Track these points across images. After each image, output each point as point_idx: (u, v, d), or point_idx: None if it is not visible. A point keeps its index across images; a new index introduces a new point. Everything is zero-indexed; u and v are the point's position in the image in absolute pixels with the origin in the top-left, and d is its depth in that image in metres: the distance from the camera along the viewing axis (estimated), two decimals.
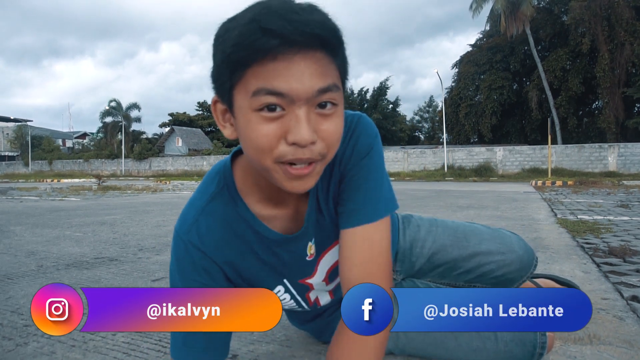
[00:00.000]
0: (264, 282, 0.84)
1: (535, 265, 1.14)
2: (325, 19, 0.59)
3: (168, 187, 13.38)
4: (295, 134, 0.59)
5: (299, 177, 0.63)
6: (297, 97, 0.58)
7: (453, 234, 1.13)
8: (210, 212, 0.78)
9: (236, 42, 0.58)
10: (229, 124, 0.67)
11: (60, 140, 51.55)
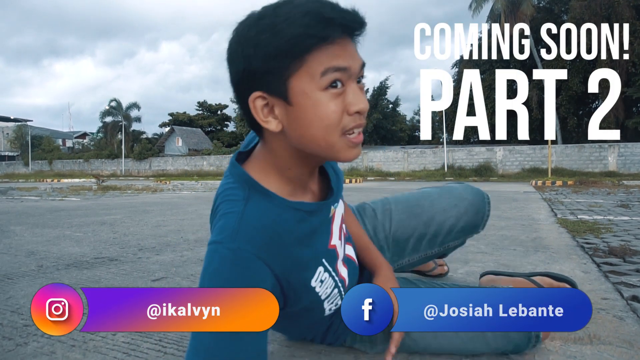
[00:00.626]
0: (307, 267, 0.83)
1: (488, 201, 1.23)
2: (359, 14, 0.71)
3: (168, 187, 13.38)
4: (358, 104, 0.70)
5: (357, 144, 0.73)
6: (354, 71, 0.70)
7: (406, 206, 1.21)
8: (251, 213, 0.76)
9: (300, 32, 0.65)
10: (271, 118, 0.72)
11: (60, 140, 51.55)
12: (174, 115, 47.34)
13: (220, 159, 31.37)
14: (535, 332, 1.00)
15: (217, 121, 48.21)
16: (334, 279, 0.89)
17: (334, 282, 0.90)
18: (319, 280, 0.85)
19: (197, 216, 4.58)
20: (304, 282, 0.82)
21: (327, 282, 0.87)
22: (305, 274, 0.83)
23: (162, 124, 49.39)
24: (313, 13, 0.65)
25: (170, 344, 1.16)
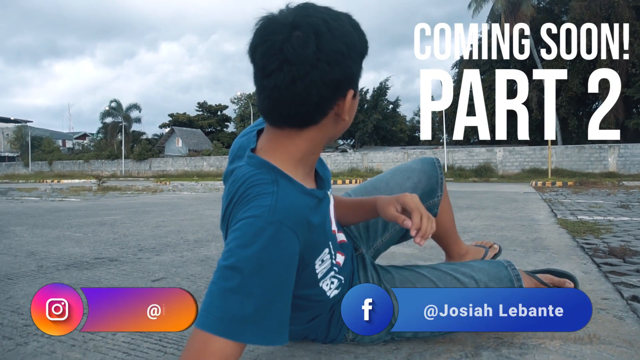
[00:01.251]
0: (318, 249, 0.89)
1: (438, 165, 1.33)
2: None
3: (168, 188, 13.38)
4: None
5: None
6: None
7: (364, 192, 1.30)
8: (285, 192, 0.80)
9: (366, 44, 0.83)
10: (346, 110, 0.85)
11: (60, 141, 51.57)
12: (174, 116, 47.35)
13: (220, 159, 31.37)
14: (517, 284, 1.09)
15: (217, 122, 48.23)
16: (331, 261, 0.95)
17: (330, 263, 0.95)
18: (320, 260, 0.91)
19: (197, 217, 4.58)
20: (312, 259, 0.88)
21: (326, 263, 0.93)
22: (314, 254, 0.88)
23: (162, 124, 49.44)
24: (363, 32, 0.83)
25: (170, 343, 1.16)
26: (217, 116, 48.32)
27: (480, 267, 1.11)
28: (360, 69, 0.83)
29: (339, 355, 1.07)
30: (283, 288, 0.74)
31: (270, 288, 0.72)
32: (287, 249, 0.75)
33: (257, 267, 0.71)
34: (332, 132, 0.87)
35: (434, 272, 1.11)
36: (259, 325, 0.70)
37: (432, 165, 1.32)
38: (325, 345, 1.13)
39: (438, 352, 1.07)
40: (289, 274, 0.76)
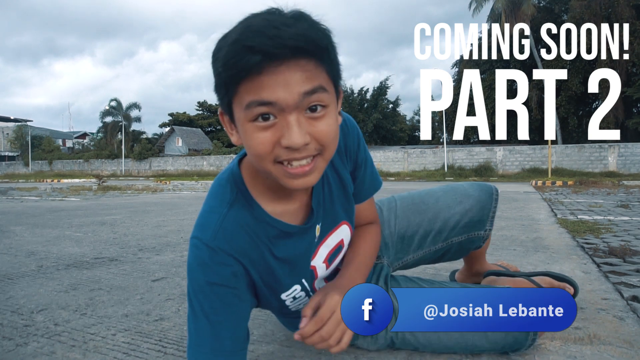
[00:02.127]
0: (283, 282, 0.88)
1: (496, 198, 1.22)
2: (306, 30, 0.63)
3: (168, 187, 13.38)
4: (288, 139, 0.65)
5: (300, 174, 0.69)
6: (286, 104, 0.64)
7: (411, 203, 1.22)
8: (233, 218, 0.80)
9: (224, 62, 0.63)
10: (235, 132, 0.72)
11: (60, 140, 51.57)
12: (174, 115, 47.34)
13: (220, 159, 31.36)
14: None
15: (217, 121, 48.17)
16: (307, 293, 0.94)
17: (306, 294, 0.94)
18: (291, 297, 0.91)
19: (197, 216, 4.57)
20: (276, 293, 0.88)
21: (300, 300, 0.94)
22: (279, 287, 0.88)
23: (162, 124, 49.42)
24: (238, 41, 0.62)
25: (170, 344, 1.16)
26: (217, 115, 48.26)
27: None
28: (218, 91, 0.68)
29: (339, 356, 1.07)
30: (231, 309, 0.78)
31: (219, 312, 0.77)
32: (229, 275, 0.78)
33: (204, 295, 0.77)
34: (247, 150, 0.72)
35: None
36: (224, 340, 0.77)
37: (490, 196, 1.21)
38: None
39: (438, 353, 1.07)
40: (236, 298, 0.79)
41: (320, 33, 0.65)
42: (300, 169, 0.68)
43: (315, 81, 0.65)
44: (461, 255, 1.33)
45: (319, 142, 0.68)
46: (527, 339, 1.01)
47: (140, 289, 1.72)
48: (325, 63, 0.66)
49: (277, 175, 0.70)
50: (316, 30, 0.64)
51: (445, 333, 1.02)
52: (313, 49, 0.64)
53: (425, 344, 1.05)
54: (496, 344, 1.02)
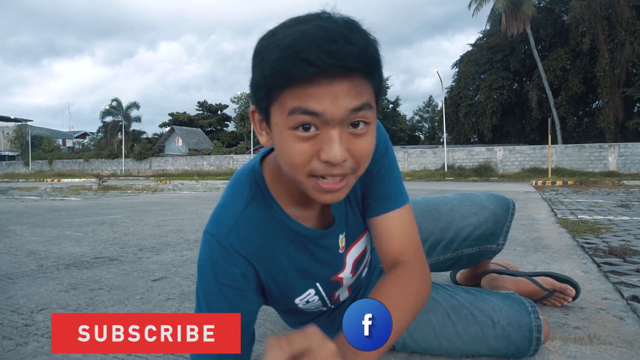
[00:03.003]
0: (296, 286, 0.86)
1: (512, 212, 1.18)
2: (362, 47, 0.60)
3: (168, 187, 13.38)
4: (328, 153, 0.62)
5: (328, 190, 0.67)
6: (331, 118, 0.61)
7: (424, 209, 1.19)
8: (248, 216, 0.78)
9: (274, 66, 0.60)
10: (265, 133, 0.70)
11: (60, 140, 51.58)
12: (174, 115, 47.35)
13: (220, 158, 31.36)
14: (536, 334, 1.00)
15: (217, 121, 48.23)
16: (323, 302, 0.92)
17: (323, 303, 0.92)
18: (304, 301, 0.89)
19: (197, 216, 4.58)
20: (287, 297, 0.86)
21: (313, 303, 0.91)
22: (291, 292, 0.86)
23: (162, 124, 49.48)
24: (292, 48, 0.59)
25: None
26: (217, 115, 48.30)
27: (501, 306, 1.01)
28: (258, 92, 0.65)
29: None
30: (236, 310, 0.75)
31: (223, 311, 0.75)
32: (238, 276, 0.76)
33: (212, 293, 0.76)
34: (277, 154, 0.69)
35: (450, 300, 1.02)
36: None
37: (506, 210, 1.19)
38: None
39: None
40: (243, 300, 0.77)
41: (373, 50, 0.63)
42: (333, 185, 0.66)
43: (363, 98, 0.63)
44: (469, 266, 1.31)
45: (355, 160, 0.66)
46: (530, 349, 1.00)
47: (140, 289, 1.73)
48: (373, 80, 0.65)
49: (308, 187, 0.68)
50: (370, 46, 0.62)
51: (446, 340, 1.01)
52: (366, 68, 0.62)
53: (426, 348, 1.04)
54: (497, 352, 1.01)
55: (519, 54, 30.33)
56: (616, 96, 25.64)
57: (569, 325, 1.25)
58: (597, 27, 24.86)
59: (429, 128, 48.12)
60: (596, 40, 25.11)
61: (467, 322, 1.00)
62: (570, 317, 1.32)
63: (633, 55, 24.30)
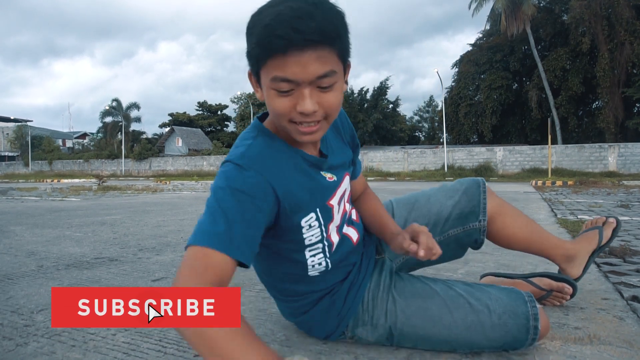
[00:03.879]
0: (304, 206, 0.97)
1: (483, 188, 1.28)
2: (324, 23, 0.77)
3: (168, 187, 13.38)
4: (302, 106, 0.82)
5: (308, 132, 0.87)
6: (302, 81, 0.80)
7: (406, 203, 1.33)
8: (258, 144, 0.93)
9: (258, 41, 0.80)
10: (259, 90, 0.89)
11: (60, 141, 51.57)
12: (174, 116, 47.34)
13: (220, 159, 31.35)
14: (533, 323, 1.00)
15: (217, 121, 48.23)
16: (321, 232, 1.02)
17: (321, 235, 1.02)
18: (307, 224, 0.99)
19: (197, 216, 4.58)
20: (296, 216, 0.96)
21: (314, 231, 1.00)
22: (298, 210, 0.96)
23: (162, 124, 49.47)
24: (269, 27, 0.77)
25: (171, 344, 1.16)
26: (217, 116, 48.31)
27: (498, 295, 1.04)
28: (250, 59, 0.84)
29: (339, 356, 1.07)
30: (246, 215, 0.84)
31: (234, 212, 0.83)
32: (251, 184, 0.86)
33: (224, 194, 0.85)
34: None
35: (448, 291, 1.06)
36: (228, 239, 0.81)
37: (477, 187, 1.29)
38: (326, 345, 1.13)
39: (438, 352, 1.07)
40: (253, 207, 0.85)
41: (336, 22, 0.80)
42: (309, 129, 0.86)
43: (328, 66, 0.80)
44: (462, 252, 1.34)
45: (325, 109, 0.85)
46: (527, 338, 1.01)
47: None
48: (337, 48, 0.81)
49: (291, 130, 0.87)
50: (332, 20, 0.79)
51: (444, 327, 1.03)
52: (328, 40, 0.78)
53: (424, 336, 1.05)
54: (495, 341, 1.02)
55: (518, 54, 30.34)
56: (616, 96, 25.64)
57: (569, 326, 1.25)
58: (597, 27, 24.86)
59: (429, 128, 48.15)
60: (596, 40, 25.11)
61: (464, 310, 1.03)
62: (570, 317, 1.32)
63: (633, 55, 24.29)
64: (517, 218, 1.35)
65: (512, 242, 1.36)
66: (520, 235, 1.35)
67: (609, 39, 24.91)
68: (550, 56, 27.61)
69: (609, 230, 1.42)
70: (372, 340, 1.09)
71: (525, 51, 29.76)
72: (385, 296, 1.08)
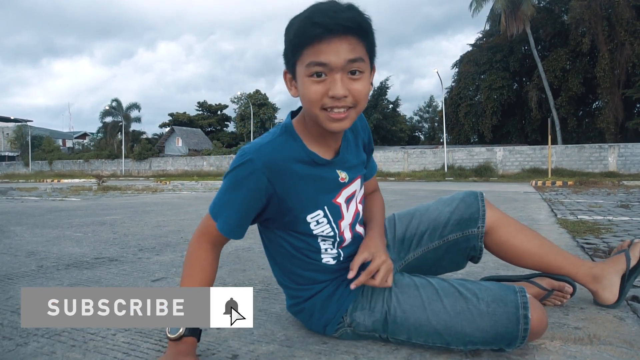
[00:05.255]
0: (307, 202, 1.06)
1: (480, 198, 1.32)
2: (356, 15, 0.90)
3: (168, 188, 13.39)
4: (334, 90, 0.92)
5: (338, 119, 0.95)
6: (335, 65, 0.91)
7: (406, 213, 1.39)
8: (277, 143, 1.03)
9: (295, 31, 0.91)
10: (293, 87, 1.00)
11: (60, 141, 51.57)
12: (174, 116, 47.32)
13: (220, 159, 31.37)
14: (523, 312, 1.00)
15: (217, 121, 48.22)
16: (332, 228, 1.11)
17: (332, 230, 1.11)
18: (315, 220, 1.09)
19: (197, 216, 4.58)
20: (300, 212, 1.07)
21: (323, 226, 1.10)
22: (303, 207, 1.07)
23: (162, 124, 49.43)
24: (307, 18, 0.90)
25: None
26: (217, 116, 48.30)
27: (488, 286, 1.07)
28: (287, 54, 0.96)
29: (339, 356, 1.07)
30: (236, 201, 1.02)
31: (229, 197, 1.03)
32: (250, 179, 0.99)
33: (227, 182, 1.03)
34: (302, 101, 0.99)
35: (442, 282, 1.10)
36: (219, 212, 1.05)
37: (475, 197, 1.32)
38: (326, 345, 1.13)
39: (438, 351, 1.07)
40: (246, 196, 1.01)
41: (364, 20, 0.92)
42: (338, 115, 0.95)
43: (357, 53, 0.91)
44: (463, 261, 1.35)
45: (354, 97, 0.94)
46: (518, 328, 1.00)
47: None
48: (365, 41, 0.93)
49: (321, 118, 0.96)
50: (362, 17, 0.91)
51: (433, 313, 1.05)
52: (358, 30, 0.90)
53: (416, 324, 1.05)
54: (486, 332, 1.01)
55: (518, 54, 30.33)
56: (616, 97, 25.64)
57: (569, 326, 1.25)
58: (597, 28, 24.85)
59: (429, 128, 48.15)
60: (596, 41, 25.11)
61: (453, 298, 1.06)
62: (570, 317, 1.32)
63: (633, 56, 24.29)
64: (521, 229, 1.34)
65: (520, 254, 1.33)
66: (527, 247, 1.32)
67: (609, 39, 24.91)
68: (550, 56, 27.60)
69: (636, 251, 1.37)
70: (369, 326, 1.10)
71: (525, 51, 29.75)
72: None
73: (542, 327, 1.04)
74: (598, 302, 1.39)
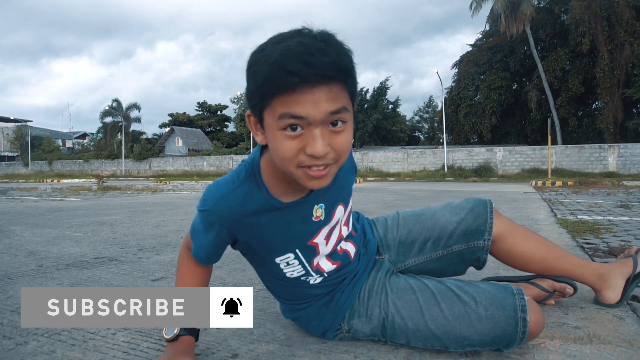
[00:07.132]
0: (274, 248, 1.02)
1: (490, 208, 1.26)
2: (336, 57, 0.74)
3: (168, 188, 13.38)
4: (312, 148, 0.77)
5: (317, 177, 0.82)
6: (314, 119, 0.76)
7: (412, 214, 1.33)
8: (237, 195, 0.94)
9: (264, 78, 0.75)
10: (260, 133, 0.85)
11: (60, 141, 51.54)
12: (173, 116, 47.32)
13: (220, 159, 31.36)
14: (521, 314, 0.99)
15: (217, 121, 48.21)
16: (304, 267, 1.07)
17: (304, 269, 1.07)
18: (285, 262, 1.05)
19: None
20: (268, 255, 1.04)
21: (293, 267, 1.06)
22: (270, 251, 1.03)
23: (162, 124, 49.44)
24: (278, 63, 0.73)
25: None
26: (217, 116, 48.29)
27: (486, 289, 1.05)
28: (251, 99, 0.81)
29: (338, 355, 1.07)
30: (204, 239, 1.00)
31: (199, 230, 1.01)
32: (213, 226, 0.97)
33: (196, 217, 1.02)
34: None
35: (439, 285, 1.08)
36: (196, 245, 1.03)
37: (484, 206, 1.27)
38: (325, 345, 1.13)
39: (438, 351, 1.07)
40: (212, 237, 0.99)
41: (346, 59, 0.77)
42: (318, 173, 0.81)
43: (340, 102, 0.77)
44: (464, 268, 1.33)
45: (336, 152, 0.80)
46: (517, 331, 0.99)
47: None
48: (348, 85, 0.78)
49: (298, 176, 0.82)
50: (343, 57, 0.76)
51: (431, 318, 1.03)
52: (340, 76, 0.76)
53: (415, 330, 1.05)
54: (485, 335, 1.00)
55: (518, 54, 30.33)
56: (616, 97, 25.64)
57: (568, 325, 1.25)
58: (596, 28, 24.85)
59: (429, 128, 48.14)
60: (596, 41, 25.10)
61: (451, 302, 1.04)
62: (570, 317, 1.32)
63: (633, 56, 24.29)
64: (529, 237, 1.32)
65: (528, 261, 1.32)
66: (534, 253, 1.31)
67: (609, 39, 24.91)
68: (550, 57, 27.60)
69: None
70: (367, 332, 1.10)
71: (525, 52, 29.74)
72: (380, 289, 1.11)
73: (540, 328, 1.04)
74: (600, 301, 1.39)
